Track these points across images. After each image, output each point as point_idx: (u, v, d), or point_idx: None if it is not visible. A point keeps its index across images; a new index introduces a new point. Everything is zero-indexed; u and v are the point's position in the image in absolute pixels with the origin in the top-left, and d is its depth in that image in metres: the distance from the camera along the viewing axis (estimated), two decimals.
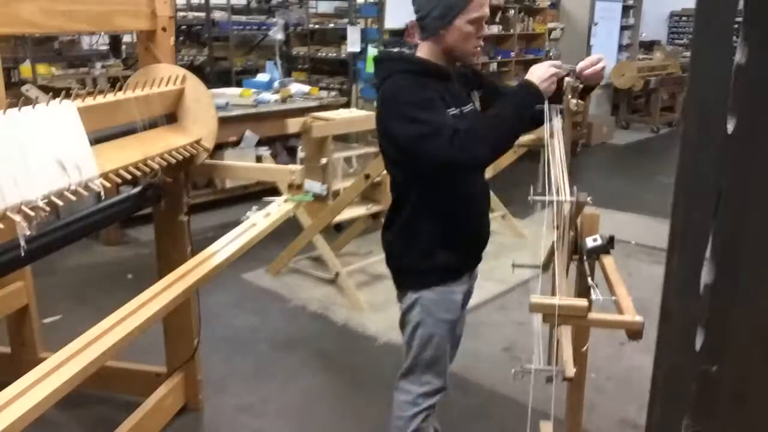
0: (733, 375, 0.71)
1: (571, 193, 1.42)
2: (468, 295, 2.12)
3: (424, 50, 1.87)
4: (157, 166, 1.98)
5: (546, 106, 1.75)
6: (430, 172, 1.82)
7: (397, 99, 1.77)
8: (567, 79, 1.77)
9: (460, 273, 2.00)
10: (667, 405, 0.78)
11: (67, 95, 1.70)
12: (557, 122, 1.73)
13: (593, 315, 1.32)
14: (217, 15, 6.82)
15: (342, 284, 3.81)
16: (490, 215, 4.30)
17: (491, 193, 2.22)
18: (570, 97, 1.74)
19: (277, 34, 5.97)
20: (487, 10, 1.81)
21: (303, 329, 3.45)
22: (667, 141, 8.61)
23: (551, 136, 1.65)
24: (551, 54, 8.78)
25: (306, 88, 5.74)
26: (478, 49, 1.86)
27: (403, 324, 2.02)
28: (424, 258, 1.93)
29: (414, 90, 1.76)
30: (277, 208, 2.31)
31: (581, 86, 1.80)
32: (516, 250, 4.31)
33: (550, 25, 8.68)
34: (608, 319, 1.35)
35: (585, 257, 1.55)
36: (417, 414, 2.00)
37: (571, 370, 1.22)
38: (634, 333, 1.29)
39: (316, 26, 7.24)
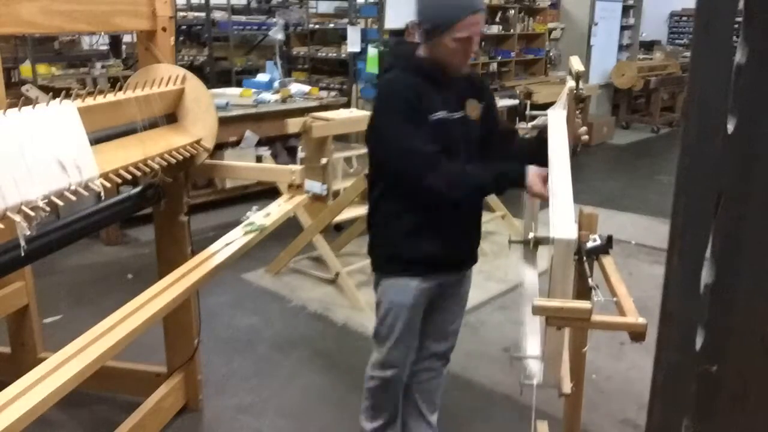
0: (733, 375, 0.71)
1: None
2: (452, 296, 2.19)
3: (423, 50, 1.96)
4: (157, 166, 1.98)
5: (548, 115, 1.75)
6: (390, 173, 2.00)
7: (390, 100, 1.94)
8: (569, 85, 1.77)
9: (426, 270, 2.04)
10: (667, 405, 0.78)
11: (67, 95, 1.69)
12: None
13: (596, 317, 1.31)
14: (217, 15, 6.82)
15: (342, 284, 3.81)
16: (490, 215, 4.25)
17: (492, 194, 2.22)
18: (572, 105, 1.74)
19: (277, 34, 5.97)
20: (476, 30, 1.84)
21: (303, 329, 3.45)
22: (667, 141, 8.61)
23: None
24: (551, 54, 8.79)
25: (306, 88, 5.74)
26: (467, 61, 1.93)
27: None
28: (389, 245, 2.07)
29: (405, 96, 1.89)
30: (277, 208, 2.31)
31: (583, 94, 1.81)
32: (516, 250, 4.30)
33: (550, 25, 8.69)
34: (612, 321, 1.35)
35: (584, 257, 1.55)
36: (371, 377, 2.22)
37: (567, 387, 1.22)
38: (638, 335, 1.29)
39: (316, 26, 7.24)
